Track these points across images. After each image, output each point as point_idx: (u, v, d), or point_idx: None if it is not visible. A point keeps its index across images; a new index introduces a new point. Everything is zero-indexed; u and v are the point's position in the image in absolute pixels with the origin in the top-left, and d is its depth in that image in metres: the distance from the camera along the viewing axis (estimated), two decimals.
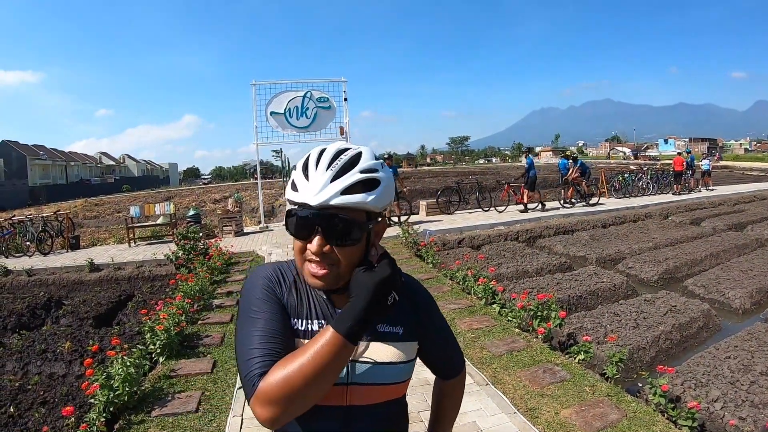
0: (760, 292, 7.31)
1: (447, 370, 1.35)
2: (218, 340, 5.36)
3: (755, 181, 29.80)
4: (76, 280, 9.42)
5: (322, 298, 1.12)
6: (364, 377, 1.09)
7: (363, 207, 0.99)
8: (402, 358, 1.13)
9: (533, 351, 4.78)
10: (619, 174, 19.90)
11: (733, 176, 35.54)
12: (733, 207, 16.75)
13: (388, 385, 1.12)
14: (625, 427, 3.37)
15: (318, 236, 0.98)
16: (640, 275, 8.58)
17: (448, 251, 10.24)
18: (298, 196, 1.00)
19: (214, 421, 3.68)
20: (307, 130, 14.79)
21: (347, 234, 0.98)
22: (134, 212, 13.14)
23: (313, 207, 0.97)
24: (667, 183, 20.70)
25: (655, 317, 5.99)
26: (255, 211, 21.04)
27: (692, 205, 16.76)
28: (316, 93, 14.75)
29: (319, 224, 0.97)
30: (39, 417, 4.39)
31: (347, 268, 1.01)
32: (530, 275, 8.54)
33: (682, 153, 21.31)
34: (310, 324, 1.08)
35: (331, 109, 14.94)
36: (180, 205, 15.18)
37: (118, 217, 22.54)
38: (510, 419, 3.55)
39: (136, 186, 68.21)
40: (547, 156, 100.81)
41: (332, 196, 0.97)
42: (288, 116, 14.50)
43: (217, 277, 8.24)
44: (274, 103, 14.45)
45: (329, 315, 1.10)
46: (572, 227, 12.89)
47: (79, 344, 6.00)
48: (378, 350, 1.10)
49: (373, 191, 1.00)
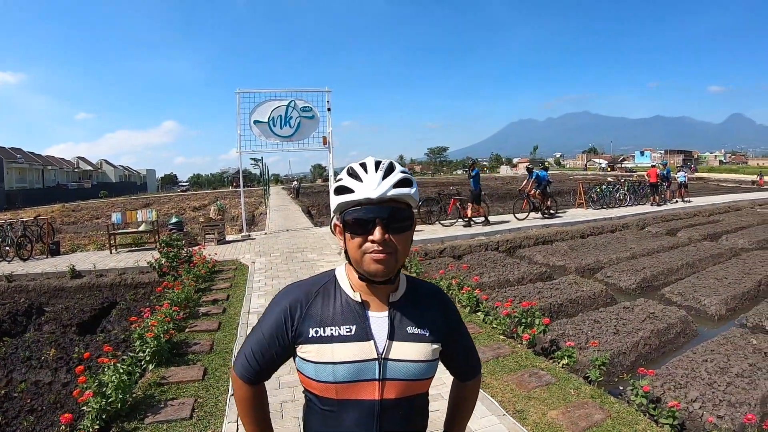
0: (734, 299, 7.58)
1: (466, 373, 1.49)
2: (207, 347, 5.38)
3: (729, 192, 30.60)
4: (57, 287, 9.30)
5: (354, 302, 1.25)
6: (395, 373, 1.21)
7: (409, 199, 1.20)
8: (428, 356, 1.25)
9: (518, 356, 4.93)
10: (597, 185, 20.28)
11: (708, 188, 36.43)
12: (708, 218, 17.24)
13: (416, 381, 1.24)
14: (609, 426, 3.53)
15: (379, 226, 1.15)
16: (619, 284, 8.81)
17: (430, 261, 10.38)
18: (356, 195, 1.17)
19: (209, 427, 3.71)
20: (290, 139, 14.85)
21: (402, 221, 1.19)
22: (116, 219, 13.01)
23: (373, 200, 1.16)
24: (643, 194, 21.15)
25: (634, 324, 6.18)
26: (236, 220, 20.95)
27: (668, 216, 17.18)
28: (300, 102, 14.83)
29: (379, 215, 1.16)
30: (28, 425, 4.36)
31: (402, 255, 1.20)
32: (512, 284, 8.71)
33: (658, 165, 21.71)
34: (338, 330, 1.22)
35: (314, 119, 15.04)
36: (159, 212, 15.08)
37: (96, 223, 22.24)
38: (500, 420, 3.68)
39: (113, 192, 67.19)
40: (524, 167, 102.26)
41: (389, 188, 1.17)
42: (272, 125, 14.55)
43: (202, 285, 8.23)
44: (258, 112, 14.50)
45: (360, 318, 1.23)
46: (551, 237, 13.16)
47: (63, 351, 5.95)
48: (407, 349, 1.23)
49: (412, 186, 1.21)
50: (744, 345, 5.49)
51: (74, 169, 76.87)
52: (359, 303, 1.25)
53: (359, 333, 1.22)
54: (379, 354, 1.21)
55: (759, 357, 5.17)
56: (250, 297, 7.48)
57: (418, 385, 1.26)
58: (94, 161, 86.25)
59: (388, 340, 1.22)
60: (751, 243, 12.40)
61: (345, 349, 1.19)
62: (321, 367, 1.20)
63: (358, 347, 1.20)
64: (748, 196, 25.32)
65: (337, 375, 1.19)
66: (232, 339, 5.66)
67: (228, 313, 6.74)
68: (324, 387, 1.21)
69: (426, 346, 1.25)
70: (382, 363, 1.21)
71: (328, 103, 15.02)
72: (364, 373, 1.20)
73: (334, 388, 1.20)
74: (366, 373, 1.20)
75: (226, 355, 5.16)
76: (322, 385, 1.21)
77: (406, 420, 1.25)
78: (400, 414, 1.23)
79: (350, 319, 1.23)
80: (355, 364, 1.19)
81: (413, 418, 1.28)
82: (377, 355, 1.20)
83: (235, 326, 6.13)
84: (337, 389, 1.20)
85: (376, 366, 1.20)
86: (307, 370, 1.23)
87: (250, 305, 7.04)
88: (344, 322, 1.22)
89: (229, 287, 8.19)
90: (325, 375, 1.19)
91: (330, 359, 1.19)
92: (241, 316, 6.52)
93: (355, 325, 1.22)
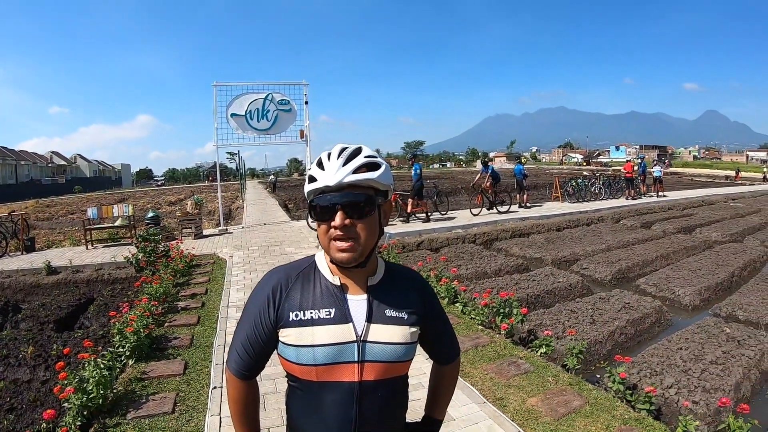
0: (708, 290, 7.80)
1: (445, 356, 1.53)
2: (187, 341, 5.34)
3: (703, 187, 31.36)
4: (33, 284, 9.11)
5: (333, 286, 1.28)
6: (374, 356, 1.25)
7: (371, 183, 1.22)
8: (407, 339, 1.29)
9: (497, 346, 5.01)
10: (573, 179, 20.56)
11: (682, 182, 37.17)
12: (682, 211, 17.64)
13: (395, 363, 1.28)
14: (588, 412, 3.63)
15: (340, 212, 1.18)
16: (595, 275, 8.99)
17: (408, 253, 10.45)
18: (318, 183, 1.21)
19: (192, 421, 3.71)
20: (267, 132, 14.69)
21: (362, 207, 1.20)
22: (92, 214, 12.78)
23: (332, 187, 1.18)
24: (618, 188, 21.51)
25: (610, 314, 6.33)
26: (213, 214, 20.75)
27: (643, 209, 17.50)
28: (278, 96, 14.70)
29: (338, 202, 1.18)
30: (8, 424, 4.29)
31: (367, 241, 1.22)
32: (489, 276, 8.83)
33: (633, 160, 21.99)
34: (317, 313, 1.25)
35: (291, 112, 14.91)
36: (135, 207, 14.88)
37: (71, 218, 21.79)
38: (480, 408, 3.75)
39: (88, 187, 65.81)
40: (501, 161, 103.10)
41: (346, 175, 1.18)
42: (249, 118, 14.39)
43: (180, 280, 8.16)
44: (234, 105, 14.32)
45: (339, 302, 1.26)
46: (528, 230, 13.34)
47: (42, 349, 5.87)
48: (386, 332, 1.26)
49: (376, 171, 1.22)
50: (718, 334, 5.66)
51: (48, 164, 75.16)
52: (338, 287, 1.28)
53: (338, 316, 1.24)
54: (358, 336, 1.23)
55: (732, 345, 5.34)
56: (228, 291, 7.45)
57: (397, 368, 1.29)
58: (68, 156, 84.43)
59: (367, 323, 1.25)
60: (724, 236, 12.74)
61: (325, 332, 1.22)
62: (302, 350, 1.22)
63: (338, 330, 1.23)
64: (722, 191, 25.97)
65: (317, 357, 1.21)
66: (211, 333, 5.64)
67: (207, 307, 6.70)
68: (305, 370, 1.23)
69: (404, 329, 1.28)
70: (361, 345, 1.24)
71: (305, 96, 14.90)
72: (344, 355, 1.22)
73: (315, 370, 1.22)
74: (345, 355, 1.22)
75: (207, 349, 5.14)
76: (303, 368, 1.23)
77: (385, 402, 1.28)
78: (379, 396, 1.26)
79: (329, 302, 1.26)
80: (335, 347, 1.22)
81: (392, 400, 1.31)
82: (356, 338, 1.23)
83: (215, 320, 6.10)
84: (318, 372, 1.22)
85: (355, 348, 1.23)
86: (287, 353, 1.25)
87: (229, 299, 7.01)
88: (324, 305, 1.25)
89: (208, 281, 8.14)
90: (306, 358, 1.22)
91: (310, 342, 1.22)
92: (220, 310, 6.49)
93: (335, 308, 1.25)
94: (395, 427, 1.37)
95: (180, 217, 14.13)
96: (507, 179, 28.87)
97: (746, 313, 6.66)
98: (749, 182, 38.56)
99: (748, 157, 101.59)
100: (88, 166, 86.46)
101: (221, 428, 3.56)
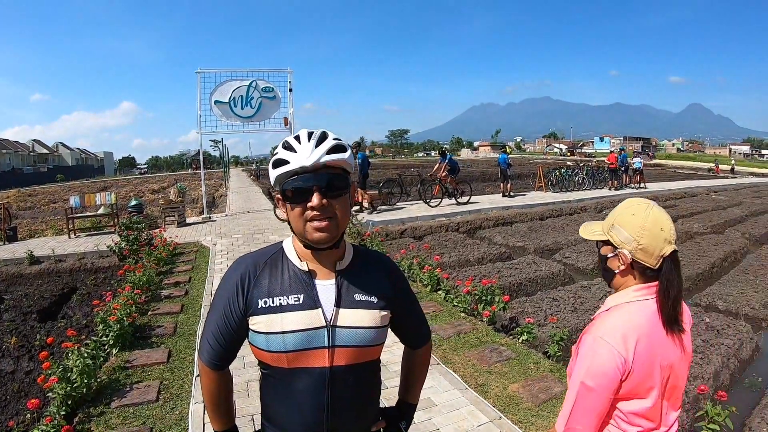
0: (688, 280, 7.98)
1: (416, 340, 1.55)
2: (171, 330, 5.34)
3: (686, 179, 31.91)
4: (15, 274, 9.00)
5: (301, 272, 1.29)
6: (345, 340, 1.26)
7: (343, 164, 1.23)
8: (377, 323, 1.30)
9: (479, 333, 5.08)
10: (556, 169, 20.73)
11: (665, 174, 37.68)
12: (664, 203, 17.85)
13: (365, 347, 1.29)
14: None
15: (317, 193, 1.19)
16: (577, 264, 9.11)
17: (392, 241, 10.50)
18: (291, 165, 1.20)
19: (176, 408, 3.72)
20: (251, 120, 14.60)
21: (338, 185, 1.22)
22: (74, 202, 12.62)
23: (308, 168, 1.18)
24: (602, 179, 21.74)
25: (591, 302, 6.44)
26: (196, 202, 20.60)
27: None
28: (262, 83, 14.58)
29: (316, 182, 1.19)
30: None
31: (343, 219, 1.24)
32: (472, 264, 8.92)
33: (615, 150, 22.21)
34: (286, 299, 1.25)
35: (275, 100, 14.82)
36: (118, 195, 14.71)
37: (54, 207, 21.53)
38: (462, 394, 3.82)
39: (70, 175, 64.81)
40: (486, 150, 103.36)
41: (322, 155, 1.19)
42: (232, 105, 14.27)
43: (163, 268, 8.12)
44: (218, 92, 14.18)
45: (307, 287, 1.27)
46: (511, 219, 13.46)
47: (25, 339, 5.85)
48: (356, 316, 1.27)
49: (345, 152, 1.24)
50: (698, 323, 5.80)
51: (30, 152, 73.86)
52: (306, 272, 1.28)
53: (307, 301, 1.24)
54: (327, 321, 1.24)
55: (712, 334, 5.48)
56: (212, 279, 7.43)
57: (368, 352, 1.30)
58: (50, 144, 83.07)
59: (335, 308, 1.26)
60: (705, 227, 12.97)
61: (294, 318, 1.22)
62: (271, 338, 1.22)
63: (307, 315, 1.23)
64: (704, 183, 26.37)
65: (287, 344, 1.22)
66: (195, 321, 5.64)
67: (190, 295, 6.69)
68: (275, 357, 1.24)
69: (374, 313, 1.30)
70: (331, 330, 1.24)
71: (289, 83, 14.83)
72: (314, 340, 1.23)
73: (285, 357, 1.23)
74: (315, 340, 1.23)
75: (190, 337, 5.15)
76: (274, 355, 1.24)
77: (357, 386, 1.30)
78: (350, 380, 1.28)
79: (298, 288, 1.26)
80: (305, 333, 1.22)
81: (364, 385, 1.33)
82: (325, 323, 1.24)
83: (198, 308, 6.10)
84: (288, 358, 1.23)
85: (325, 333, 1.23)
86: (258, 341, 1.25)
87: (213, 287, 6.99)
88: (292, 291, 1.26)
89: (191, 269, 8.11)
90: (276, 345, 1.22)
91: (280, 329, 1.22)
92: (204, 298, 6.48)
93: (303, 294, 1.26)
94: (368, 412, 1.39)
95: (163, 205, 14.01)
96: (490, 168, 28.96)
97: (726, 303, 6.81)
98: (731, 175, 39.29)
99: (731, 150, 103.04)
100: (70, 154, 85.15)
101: (205, 416, 3.56)
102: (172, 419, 3.58)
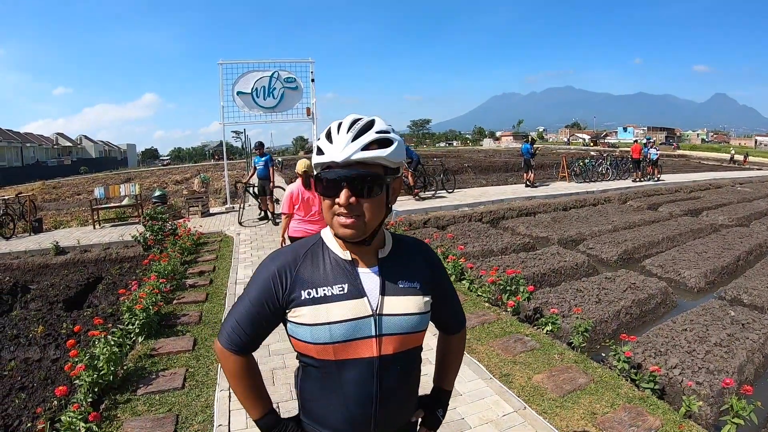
0: (713, 273, 7.79)
1: (452, 326, 1.51)
2: (196, 318, 5.40)
3: (710, 170, 31.22)
4: (41, 264, 9.18)
5: (343, 261, 1.25)
6: (392, 328, 1.22)
7: (380, 161, 1.16)
8: (421, 309, 1.27)
9: (503, 323, 5.04)
10: (580, 159, 20.45)
11: (689, 165, 36.97)
12: (689, 194, 17.55)
13: (411, 334, 1.26)
14: (593, 390, 3.66)
15: (345, 190, 1.13)
16: (601, 255, 8.98)
17: (415, 231, 10.47)
18: (325, 158, 1.16)
19: (201, 396, 3.76)
20: (273, 110, 14.69)
21: (369, 186, 1.15)
22: (99, 193, 12.86)
23: (339, 163, 1.13)
24: (626, 169, 21.35)
25: (615, 293, 6.34)
26: (219, 192, 20.78)
27: (650, 191, 17.44)
28: (284, 73, 14.64)
29: (345, 179, 1.13)
30: (20, 402, 4.36)
31: (372, 220, 1.18)
32: (495, 254, 8.84)
33: (639, 141, 21.72)
34: (330, 289, 1.21)
35: (298, 90, 14.87)
36: (142, 186, 14.91)
37: (78, 199, 21.91)
38: (487, 384, 3.79)
39: (94, 167, 65.82)
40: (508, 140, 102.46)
41: (354, 151, 1.13)
42: (255, 96, 14.37)
43: (187, 258, 8.21)
44: (240, 83, 14.28)
45: (351, 276, 1.23)
46: (534, 209, 13.32)
47: (51, 328, 5.95)
48: (401, 303, 1.24)
49: (387, 148, 1.17)
50: (722, 316, 5.66)
51: (53, 145, 75.13)
52: (349, 261, 1.24)
53: (352, 291, 1.21)
54: (374, 310, 1.21)
55: (737, 328, 5.35)
56: (236, 268, 7.50)
57: (414, 338, 1.27)
58: (73, 137, 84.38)
59: (381, 296, 1.22)
60: (731, 220, 12.68)
61: (340, 308, 1.19)
62: (317, 329, 1.18)
63: (353, 305, 1.20)
64: (729, 175, 25.81)
65: (334, 335, 1.18)
66: (220, 309, 5.69)
67: (215, 284, 6.76)
68: (321, 349, 1.19)
69: (418, 299, 1.27)
70: (378, 319, 1.21)
71: (311, 74, 14.86)
72: (361, 330, 1.20)
73: (332, 348, 1.19)
74: (362, 330, 1.20)
75: (215, 326, 5.19)
76: (319, 347, 1.19)
77: (404, 374, 1.27)
78: (398, 368, 1.25)
79: (341, 277, 1.23)
80: (351, 322, 1.19)
81: (410, 372, 1.31)
82: (372, 312, 1.21)
83: (223, 297, 6.16)
84: (335, 349, 1.19)
85: (371, 322, 1.20)
86: (301, 333, 1.21)
87: (237, 276, 7.07)
88: (336, 281, 1.22)
89: (215, 259, 8.19)
90: (322, 336, 1.18)
91: (325, 320, 1.18)
92: (228, 287, 6.54)
93: (347, 283, 1.22)
94: (411, 400, 1.37)
95: (186, 195, 14.16)
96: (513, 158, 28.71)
97: (751, 297, 6.65)
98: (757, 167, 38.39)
99: (756, 141, 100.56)
100: (93, 146, 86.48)
101: (231, 403, 3.60)
102: (197, 406, 3.61)
